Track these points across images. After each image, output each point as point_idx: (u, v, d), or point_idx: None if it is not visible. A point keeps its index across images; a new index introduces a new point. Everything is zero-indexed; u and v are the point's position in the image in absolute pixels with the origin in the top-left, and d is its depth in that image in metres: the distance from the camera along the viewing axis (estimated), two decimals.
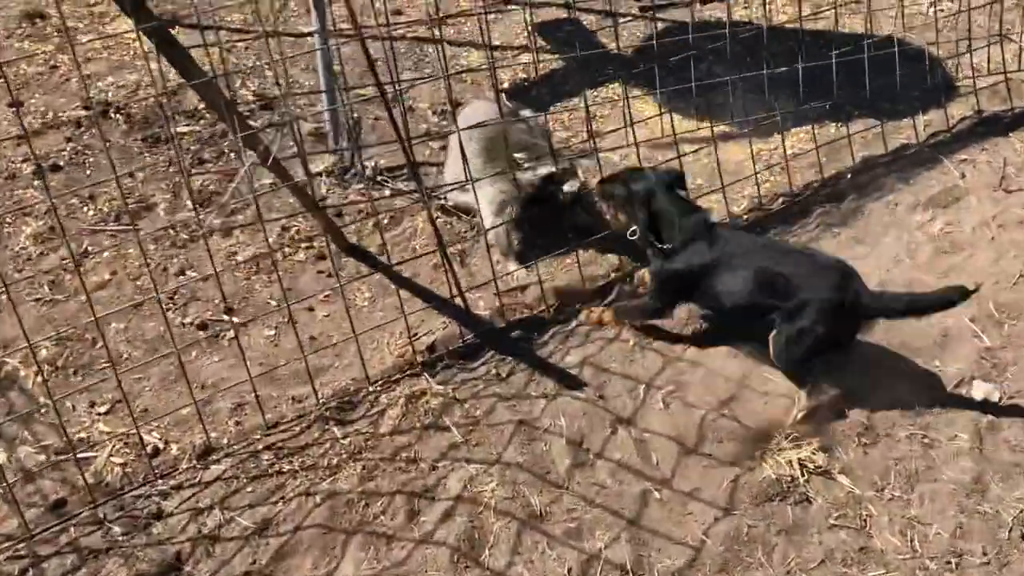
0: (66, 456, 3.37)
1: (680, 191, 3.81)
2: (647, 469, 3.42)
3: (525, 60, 5.51)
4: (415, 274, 4.17)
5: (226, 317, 3.94)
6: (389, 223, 4.40)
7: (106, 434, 3.50)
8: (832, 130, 4.98)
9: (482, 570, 3.12)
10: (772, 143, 4.88)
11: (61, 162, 4.67)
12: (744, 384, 3.69)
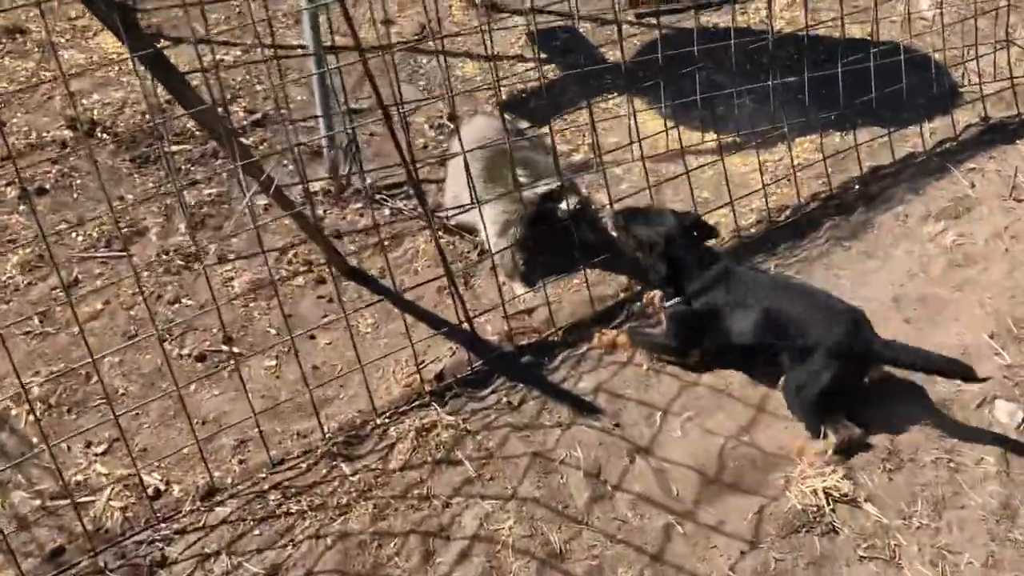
0: (63, 501, 3.23)
1: (698, 236, 3.77)
2: (668, 501, 3.31)
3: (520, 70, 5.39)
4: (419, 297, 4.04)
5: (225, 348, 3.79)
6: (390, 244, 4.26)
7: (104, 476, 3.36)
8: (837, 139, 4.89)
9: None
10: (777, 154, 4.79)
11: (47, 185, 4.50)
12: (763, 409, 3.59)
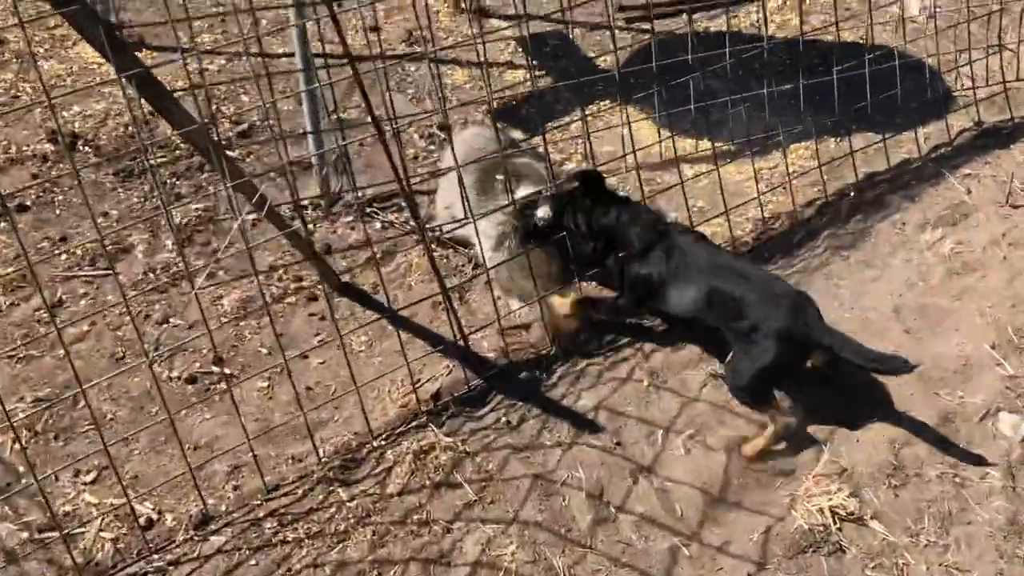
0: (52, 534, 3.13)
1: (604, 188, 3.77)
2: (673, 522, 3.25)
3: (511, 78, 5.31)
4: (413, 313, 3.96)
5: (216, 369, 3.70)
6: (382, 258, 4.18)
7: (94, 506, 3.26)
8: (832, 145, 4.84)
9: None
10: (772, 161, 4.74)
11: (28, 201, 4.38)
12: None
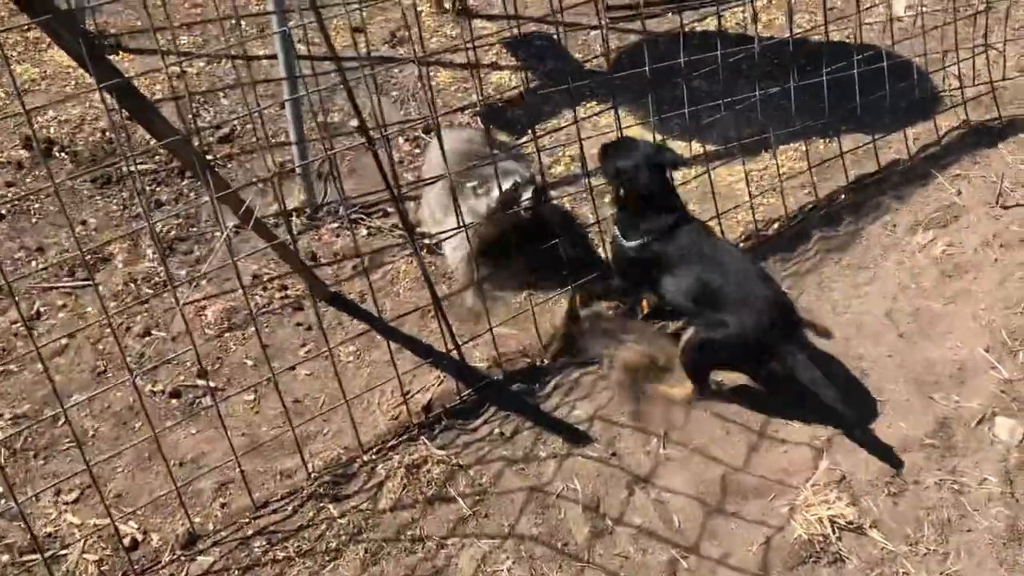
0: (33, 556, 3.03)
1: (669, 167, 3.72)
2: (671, 534, 3.20)
3: (495, 79, 5.24)
4: (401, 323, 3.89)
5: (201, 382, 3.61)
6: (369, 265, 4.10)
7: (76, 527, 3.16)
8: (821, 147, 4.80)
9: None
10: (761, 162, 4.69)
11: (3, 210, 4.27)
12: (762, 434, 3.50)
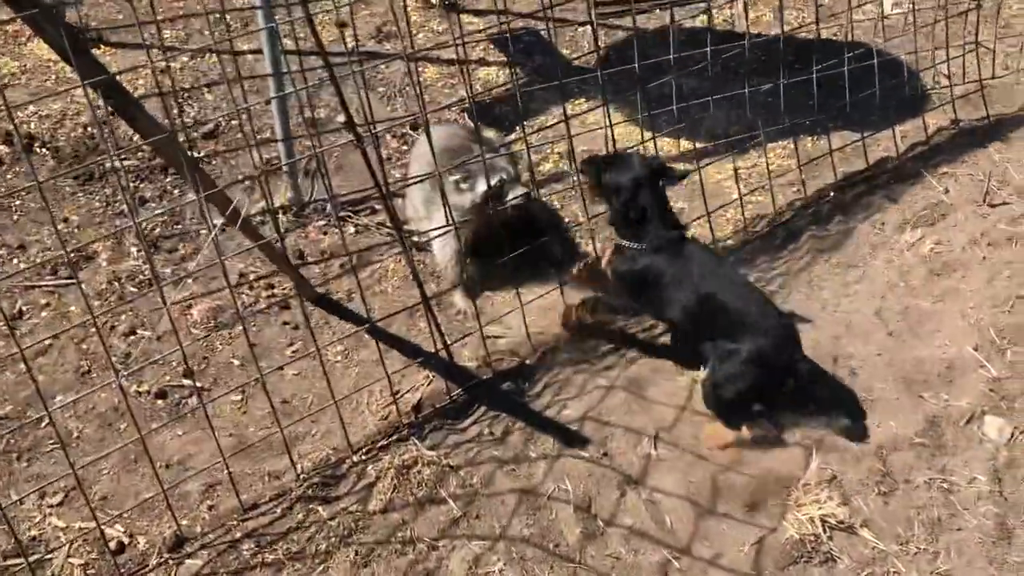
0: (18, 561, 2.98)
1: (665, 182, 3.71)
2: (662, 535, 3.19)
3: (483, 75, 5.21)
4: (389, 322, 3.85)
5: (187, 382, 3.57)
6: (357, 264, 4.06)
7: (61, 530, 3.12)
8: (809, 145, 4.81)
9: None
10: (750, 160, 4.69)
11: None
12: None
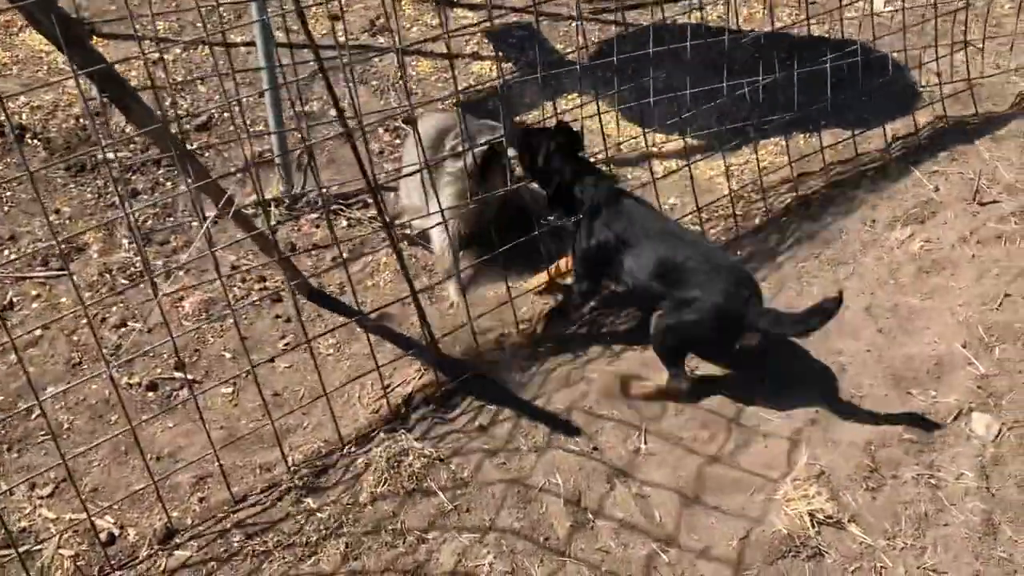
0: (7, 551, 2.99)
1: (579, 152, 3.75)
2: (651, 527, 3.21)
3: (475, 69, 5.22)
4: (381, 315, 3.86)
5: (178, 374, 3.57)
6: (348, 257, 4.07)
7: (51, 521, 3.12)
8: (800, 141, 4.83)
9: None
10: (742, 156, 4.70)
11: None
12: (742, 425, 3.51)
